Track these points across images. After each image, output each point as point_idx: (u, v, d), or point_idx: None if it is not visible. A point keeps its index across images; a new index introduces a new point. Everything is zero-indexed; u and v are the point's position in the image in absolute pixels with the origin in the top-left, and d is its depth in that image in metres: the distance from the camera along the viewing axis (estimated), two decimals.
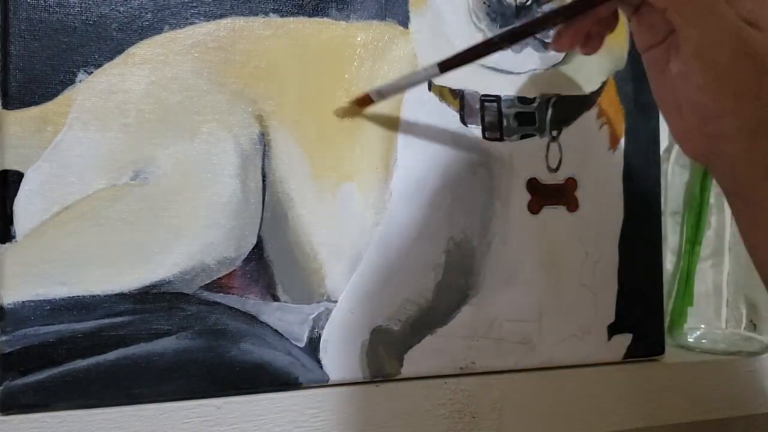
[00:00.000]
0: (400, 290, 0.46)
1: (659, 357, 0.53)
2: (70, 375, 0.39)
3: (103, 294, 0.40)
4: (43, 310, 0.39)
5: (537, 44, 0.49)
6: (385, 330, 0.46)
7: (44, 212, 0.39)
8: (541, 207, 0.50)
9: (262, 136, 0.44)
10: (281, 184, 0.44)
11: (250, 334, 0.43)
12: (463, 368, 0.47)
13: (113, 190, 0.41)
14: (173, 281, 0.41)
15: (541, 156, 0.50)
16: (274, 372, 0.43)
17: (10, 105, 0.39)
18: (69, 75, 0.40)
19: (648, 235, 0.53)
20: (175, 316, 0.41)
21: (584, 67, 0.51)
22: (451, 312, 0.47)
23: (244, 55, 0.43)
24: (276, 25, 0.44)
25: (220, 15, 0.43)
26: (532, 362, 0.49)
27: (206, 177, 0.42)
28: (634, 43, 0.53)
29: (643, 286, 0.53)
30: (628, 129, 0.53)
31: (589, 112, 0.51)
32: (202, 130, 0.42)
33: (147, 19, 0.41)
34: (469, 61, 0.42)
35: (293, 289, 0.44)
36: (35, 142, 0.40)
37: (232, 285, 0.43)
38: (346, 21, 0.45)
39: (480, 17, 0.48)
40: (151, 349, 0.41)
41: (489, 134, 0.49)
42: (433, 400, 0.46)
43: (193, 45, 0.42)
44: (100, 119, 0.40)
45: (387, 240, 0.46)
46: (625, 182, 0.52)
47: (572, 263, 0.50)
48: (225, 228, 0.42)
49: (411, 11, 0.47)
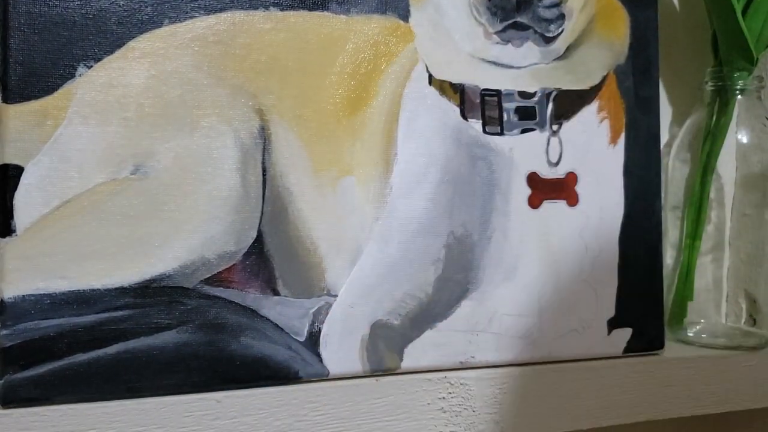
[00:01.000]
0: (400, 284, 0.46)
1: (659, 351, 0.53)
2: (70, 369, 0.39)
3: (103, 288, 0.40)
4: (44, 303, 0.39)
5: (538, 38, 0.49)
6: (385, 324, 0.46)
7: (44, 206, 0.39)
8: (542, 201, 0.50)
9: (263, 130, 0.44)
10: (281, 179, 0.44)
11: (251, 328, 0.43)
12: (463, 362, 0.47)
13: (113, 184, 0.41)
14: (173, 275, 0.41)
15: (541, 150, 0.50)
16: (275, 366, 0.43)
17: (10, 99, 0.39)
18: (69, 69, 0.40)
19: (648, 230, 0.53)
20: (176, 310, 0.41)
21: (585, 62, 0.51)
22: (451, 306, 0.47)
23: (244, 49, 0.43)
24: (276, 19, 0.44)
25: (221, 9, 0.43)
26: (532, 356, 0.49)
27: (206, 171, 0.42)
28: (634, 37, 0.53)
29: (643, 280, 0.53)
30: (628, 123, 0.53)
31: (589, 106, 0.51)
32: (202, 124, 0.42)
33: (147, 13, 0.41)
34: None
35: (293, 283, 0.44)
36: (35, 136, 0.40)
37: (232, 279, 0.43)
38: (346, 15, 0.45)
39: (480, 11, 0.48)
40: (151, 343, 0.41)
41: (489, 128, 0.48)
42: (433, 394, 0.46)
43: (193, 39, 0.42)
44: (100, 113, 0.40)
45: (387, 234, 0.46)
46: (625, 177, 0.52)
47: (572, 258, 0.50)
48: (225, 222, 0.42)
49: (411, 5, 0.47)
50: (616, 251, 0.52)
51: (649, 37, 0.53)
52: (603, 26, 0.52)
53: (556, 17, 0.49)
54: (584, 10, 0.51)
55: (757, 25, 0.56)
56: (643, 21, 0.53)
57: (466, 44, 0.48)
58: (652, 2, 0.54)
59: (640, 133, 0.53)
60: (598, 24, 0.51)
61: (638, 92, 0.53)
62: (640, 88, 0.53)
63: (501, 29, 0.48)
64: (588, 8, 0.51)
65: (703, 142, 0.58)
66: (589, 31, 0.51)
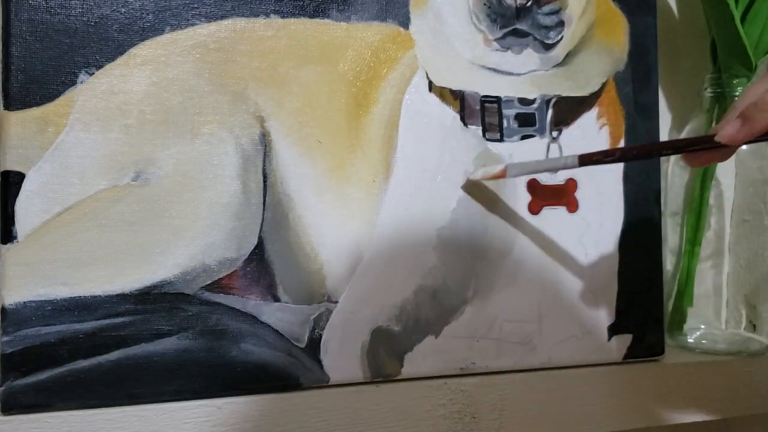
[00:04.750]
0: (400, 291, 0.46)
1: (659, 357, 0.53)
2: (71, 375, 0.39)
3: (104, 294, 0.40)
4: (45, 310, 0.39)
5: (537, 45, 0.49)
6: (386, 330, 0.46)
7: (45, 213, 0.39)
8: (542, 208, 0.50)
9: (263, 137, 0.44)
10: (282, 185, 0.44)
11: (251, 335, 0.43)
12: (464, 369, 0.47)
13: (114, 190, 0.41)
14: (174, 282, 0.41)
15: (541, 157, 0.50)
16: (275, 372, 0.43)
17: (12, 106, 0.39)
18: (70, 76, 0.40)
19: (648, 236, 0.53)
20: (176, 316, 0.41)
21: (584, 68, 0.51)
22: (451, 312, 0.47)
23: (245, 56, 0.43)
24: (277, 26, 0.44)
25: (222, 16, 0.43)
26: (532, 363, 0.49)
27: (207, 178, 0.42)
28: (634, 43, 0.53)
29: (643, 286, 0.53)
30: (627, 130, 0.53)
31: (589, 113, 0.51)
32: (203, 131, 0.42)
33: (148, 21, 0.41)
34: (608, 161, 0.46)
35: (294, 289, 0.44)
36: (37, 143, 0.40)
37: (233, 285, 0.43)
38: (347, 22, 0.45)
39: (480, 18, 0.48)
40: (152, 349, 0.41)
41: (489, 135, 0.49)
42: (434, 401, 0.46)
43: (194, 46, 0.42)
44: (101, 120, 0.40)
45: (387, 241, 0.46)
46: (625, 183, 0.52)
47: (572, 264, 0.50)
48: (226, 228, 0.42)
49: (411, 12, 0.47)
50: (616, 257, 0.52)
51: (648, 43, 0.54)
52: (602, 33, 0.52)
53: (555, 24, 0.49)
54: (583, 17, 0.51)
55: (755, 31, 0.57)
56: (642, 28, 0.53)
57: (465, 51, 0.48)
58: (651, 9, 0.54)
59: (640, 139, 0.53)
60: (598, 31, 0.52)
61: (637, 99, 0.53)
62: (639, 94, 0.53)
63: (501, 36, 0.48)
64: (587, 15, 0.51)
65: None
66: (588, 38, 0.51)
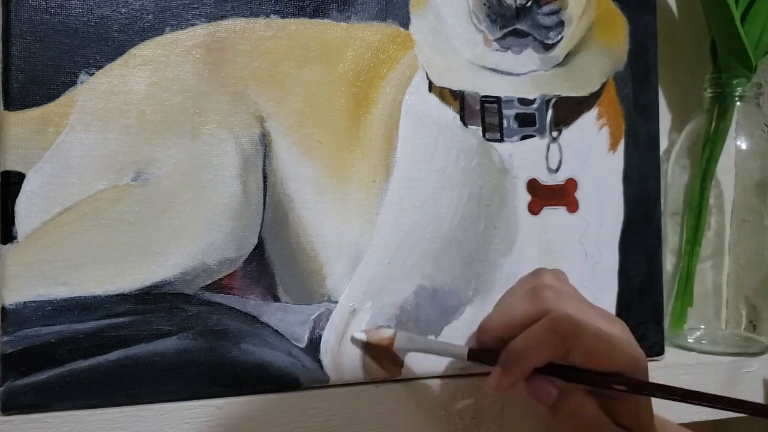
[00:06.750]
0: (400, 291, 0.46)
1: (659, 357, 0.53)
2: (71, 375, 0.39)
3: (104, 294, 0.40)
4: (45, 310, 0.39)
5: (537, 46, 0.49)
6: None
7: (45, 213, 0.39)
8: (542, 208, 0.50)
9: (263, 137, 0.44)
10: (282, 185, 0.44)
11: (251, 335, 0.43)
12: (464, 369, 0.47)
13: (114, 191, 0.41)
14: (174, 282, 0.41)
15: (541, 157, 0.50)
16: (275, 372, 0.43)
17: (12, 106, 0.39)
18: (70, 76, 0.40)
19: (648, 236, 0.53)
20: (176, 316, 0.41)
21: (584, 68, 0.51)
22: (451, 312, 0.47)
23: (245, 56, 0.43)
24: (277, 27, 0.44)
25: (221, 16, 0.43)
26: None
27: (207, 178, 0.42)
28: (634, 43, 0.53)
29: (643, 286, 0.53)
30: (627, 130, 0.53)
31: (589, 113, 0.51)
32: (203, 131, 0.42)
33: (148, 21, 0.41)
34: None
35: (294, 289, 0.44)
36: (37, 143, 0.40)
37: (233, 285, 0.43)
38: (347, 22, 0.46)
39: (480, 18, 0.48)
40: (152, 349, 0.41)
41: (489, 135, 0.49)
42: (433, 401, 0.46)
43: (194, 46, 0.42)
44: (101, 120, 0.40)
45: (387, 241, 0.46)
46: (625, 183, 0.52)
47: (572, 264, 0.50)
48: (226, 229, 0.42)
49: (411, 12, 0.47)
50: (616, 257, 0.52)
51: (648, 43, 0.54)
52: (602, 33, 0.52)
53: (555, 24, 0.49)
54: (583, 17, 0.51)
55: (755, 32, 0.57)
56: (642, 28, 0.53)
57: (465, 51, 0.48)
58: (651, 9, 0.54)
59: (640, 139, 0.53)
60: (598, 31, 0.52)
61: (637, 99, 0.53)
62: (639, 94, 0.53)
63: (500, 36, 0.48)
64: (587, 15, 0.51)
65: (702, 148, 0.58)
66: (588, 38, 0.51)
